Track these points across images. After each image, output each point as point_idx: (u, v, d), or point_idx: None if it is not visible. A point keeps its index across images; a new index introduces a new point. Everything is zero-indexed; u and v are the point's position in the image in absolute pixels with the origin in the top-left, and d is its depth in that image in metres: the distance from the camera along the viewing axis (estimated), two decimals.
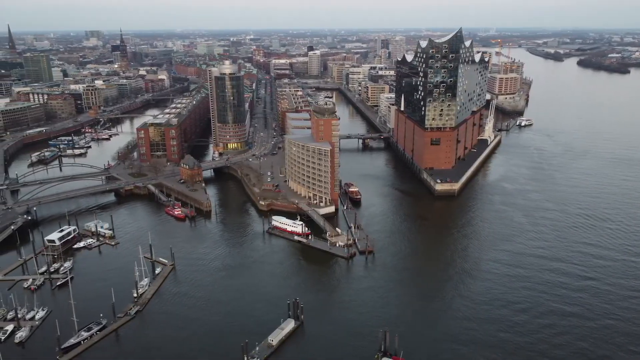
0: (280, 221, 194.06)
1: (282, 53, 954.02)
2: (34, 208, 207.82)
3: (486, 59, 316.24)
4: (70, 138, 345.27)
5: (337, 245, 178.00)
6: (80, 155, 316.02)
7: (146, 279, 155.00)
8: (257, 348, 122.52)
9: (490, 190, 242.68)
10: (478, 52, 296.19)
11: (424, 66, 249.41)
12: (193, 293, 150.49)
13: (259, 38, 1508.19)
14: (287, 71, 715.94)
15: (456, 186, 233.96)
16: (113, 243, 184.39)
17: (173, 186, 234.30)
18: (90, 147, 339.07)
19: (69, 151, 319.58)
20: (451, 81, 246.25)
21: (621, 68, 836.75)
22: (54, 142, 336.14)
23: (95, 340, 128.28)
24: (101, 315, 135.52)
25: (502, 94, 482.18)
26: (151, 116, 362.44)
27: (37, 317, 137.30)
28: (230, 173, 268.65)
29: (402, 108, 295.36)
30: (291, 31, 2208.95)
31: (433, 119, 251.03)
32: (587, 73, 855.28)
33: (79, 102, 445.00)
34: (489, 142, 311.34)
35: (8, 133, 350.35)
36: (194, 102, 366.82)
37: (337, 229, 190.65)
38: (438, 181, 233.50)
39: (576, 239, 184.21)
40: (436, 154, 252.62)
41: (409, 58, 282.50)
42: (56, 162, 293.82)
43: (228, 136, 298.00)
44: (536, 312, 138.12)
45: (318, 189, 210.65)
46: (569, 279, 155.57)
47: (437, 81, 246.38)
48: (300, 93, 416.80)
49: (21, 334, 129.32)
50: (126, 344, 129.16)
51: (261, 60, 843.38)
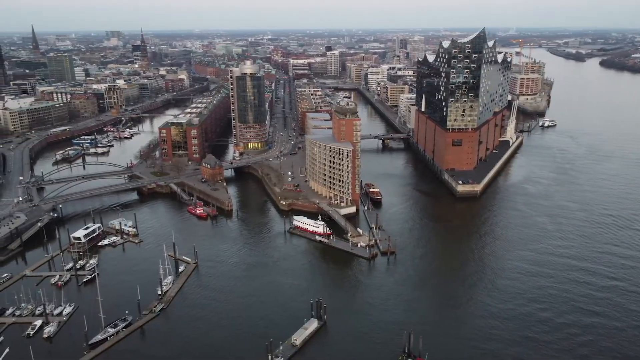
0: (301, 221, 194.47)
1: (301, 53, 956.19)
2: (60, 205, 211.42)
3: (509, 59, 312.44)
4: (93, 137, 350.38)
5: (359, 245, 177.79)
6: (102, 154, 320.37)
7: (170, 277, 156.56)
8: (281, 347, 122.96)
9: (512, 192, 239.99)
10: (500, 53, 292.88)
11: (446, 66, 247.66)
12: (216, 291, 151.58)
13: (277, 38, 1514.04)
14: (306, 71, 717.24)
15: (478, 187, 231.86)
16: (137, 241, 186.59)
17: (195, 185, 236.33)
18: (112, 146, 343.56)
19: (92, 150, 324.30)
20: (474, 82, 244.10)
21: None
22: (77, 141, 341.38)
23: (121, 336, 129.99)
24: (127, 312, 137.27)
25: (523, 95, 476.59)
26: (172, 115, 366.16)
27: (65, 313, 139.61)
28: (250, 173, 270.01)
29: (423, 108, 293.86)
30: (308, 31, 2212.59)
31: (455, 120, 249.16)
32: (610, 73, 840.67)
33: (101, 102, 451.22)
34: (511, 143, 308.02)
35: (33, 132, 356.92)
36: (214, 102, 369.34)
37: (359, 230, 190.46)
38: (460, 182, 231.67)
39: (601, 241, 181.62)
40: (458, 155, 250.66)
41: (431, 58, 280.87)
42: (80, 161, 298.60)
43: (248, 136, 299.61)
44: (560, 312, 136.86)
45: (339, 189, 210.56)
46: (594, 280, 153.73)
47: (460, 81, 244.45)
48: (319, 93, 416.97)
49: (49, 329, 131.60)
50: (151, 341, 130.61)
51: (279, 60, 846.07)
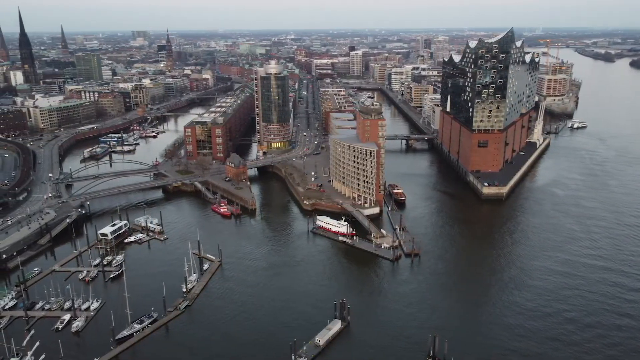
0: (324, 221, 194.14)
1: (324, 53, 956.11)
2: (87, 202, 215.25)
3: (537, 60, 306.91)
4: (119, 135, 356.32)
5: (383, 246, 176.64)
6: (129, 152, 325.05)
7: (194, 275, 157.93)
8: (305, 347, 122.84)
9: (539, 195, 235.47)
10: (528, 53, 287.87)
11: (473, 67, 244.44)
12: (240, 290, 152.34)
13: (300, 38, 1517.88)
14: (329, 71, 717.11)
15: (504, 190, 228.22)
16: (162, 238, 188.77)
17: (219, 184, 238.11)
18: (138, 144, 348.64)
19: (119, 148, 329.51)
20: (501, 82, 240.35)
21: None
22: (104, 139, 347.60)
23: (146, 332, 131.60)
24: (152, 308, 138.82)
25: (551, 96, 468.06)
26: (196, 114, 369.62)
27: (92, 308, 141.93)
28: (274, 172, 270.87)
29: (448, 109, 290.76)
30: (331, 31, 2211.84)
31: (481, 121, 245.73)
32: None
33: (128, 100, 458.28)
34: (538, 145, 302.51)
35: (62, 129, 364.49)
36: (238, 102, 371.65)
37: (382, 231, 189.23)
38: (485, 184, 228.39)
39: (632, 245, 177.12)
40: (483, 157, 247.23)
41: (456, 58, 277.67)
42: (106, 158, 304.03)
43: (272, 135, 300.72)
44: (588, 314, 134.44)
45: (363, 190, 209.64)
46: (625, 282, 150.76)
47: (486, 82, 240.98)
48: (343, 93, 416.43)
49: (77, 324, 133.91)
50: (176, 338, 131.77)
51: (303, 60, 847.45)
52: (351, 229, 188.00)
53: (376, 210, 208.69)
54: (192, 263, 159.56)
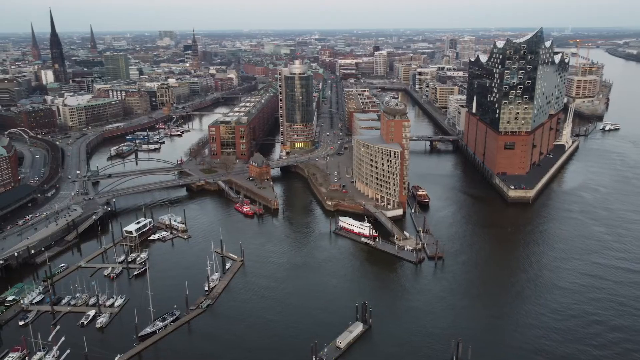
0: (347, 222, 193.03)
1: (348, 53, 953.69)
2: (113, 200, 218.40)
3: (566, 60, 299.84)
4: (145, 133, 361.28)
5: (405, 249, 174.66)
6: (154, 150, 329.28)
7: (217, 273, 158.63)
8: (326, 349, 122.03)
9: (567, 199, 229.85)
10: (557, 53, 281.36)
11: (500, 67, 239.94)
12: (262, 290, 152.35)
13: (324, 38, 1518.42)
14: (353, 71, 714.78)
15: (531, 193, 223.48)
16: (185, 237, 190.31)
17: (242, 183, 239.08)
18: (163, 143, 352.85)
19: (144, 146, 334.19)
20: (529, 83, 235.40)
21: None
22: (131, 137, 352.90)
23: (169, 330, 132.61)
24: (175, 306, 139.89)
25: (580, 97, 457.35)
26: (220, 114, 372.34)
27: (116, 305, 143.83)
28: (296, 172, 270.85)
29: (474, 110, 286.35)
30: (356, 31, 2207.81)
31: (508, 122, 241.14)
32: None
33: (154, 99, 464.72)
34: (567, 148, 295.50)
35: (89, 127, 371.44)
36: (262, 101, 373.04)
37: (405, 233, 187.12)
38: (511, 187, 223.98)
39: None
40: (510, 159, 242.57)
41: (483, 59, 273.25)
42: (132, 156, 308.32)
43: (295, 135, 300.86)
44: (615, 325, 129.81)
45: (386, 191, 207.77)
46: None
47: (514, 83, 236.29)
48: (367, 93, 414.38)
49: (102, 320, 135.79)
50: (198, 336, 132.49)
51: (327, 60, 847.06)
52: (374, 231, 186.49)
53: (399, 212, 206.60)
54: (215, 262, 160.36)
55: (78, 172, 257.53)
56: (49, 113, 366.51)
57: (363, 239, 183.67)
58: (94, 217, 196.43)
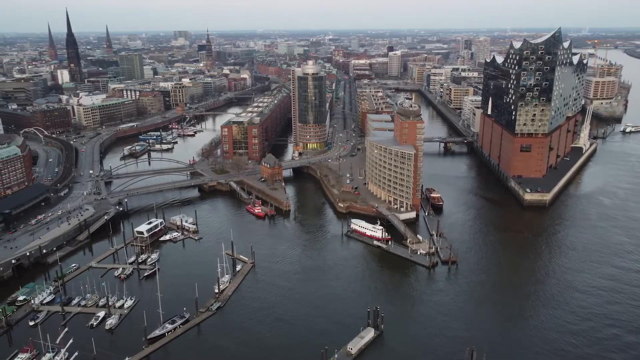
0: (359, 224, 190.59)
1: (362, 53, 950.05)
2: (125, 200, 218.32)
3: (584, 61, 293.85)
4: (158, 133, 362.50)
5: (418, 253, 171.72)
6: (167, 150, 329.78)
7: (227, 276, 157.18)
8: (336, 355, 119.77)
9: (585, 203, 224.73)
10: (575, 54, 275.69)
11: (517, 68, 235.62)
12: (272, 293, 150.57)
13: (338, 38, 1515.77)
14: (367, 72, 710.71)
15: (547, 197, 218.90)
16: (196, 238, 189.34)
17: (254, 184, 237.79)
18: (176, 143, 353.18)
19: (157, 146, 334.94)
20: (546, 84, 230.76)
21: None
22: (144, 137, 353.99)
23: (178, 332, 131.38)
24: (184, 308, 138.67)
25: (598, 99, 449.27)
26: (233, 114, 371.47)
27: (126, 306, 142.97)
28: (309, 173, 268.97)
29: (489, 112, 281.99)
30: (370, 31, 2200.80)
31: (524, 124, 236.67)
32: None
33: (167, 99, 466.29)
34: (584, 150, 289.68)
35: (103, 127, 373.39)
36: (275, 102, 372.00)
37: (418, 236, 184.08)
38: (527, 190, 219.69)
39: None
40: (526, 162, 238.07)
41: (499, 59, 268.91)
42: (145, 156, 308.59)
43: (308, 136, 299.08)
44: (633, 331, 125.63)
45: (399, 194, 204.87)
46: None
47: (531, 84, 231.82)
48: (380, 94, 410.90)
49: (111, 322, 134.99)
50: (207, 339, 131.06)
51: (340, 60, 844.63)
52: (386, 234, 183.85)
53: (412, 214, 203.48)
54: (225, 264, 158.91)
55: (91, 172, 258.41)
56: (64, 112, 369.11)
57: (375, 242, 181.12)
58: (106, 217, 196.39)
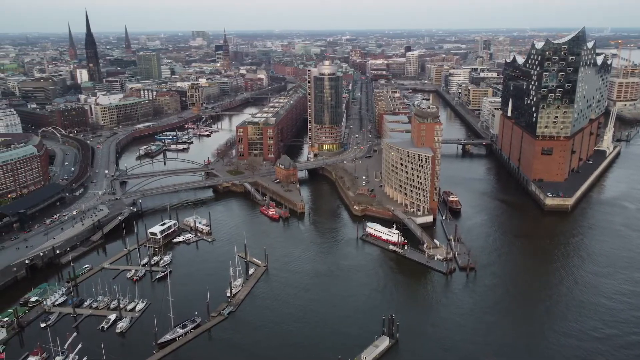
0: (374, 228, 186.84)
1: (379, 54, 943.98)
2: (140, 200, 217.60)
3: (609, 62, 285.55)
4: (174, 133, 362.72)
5: (435, 258, 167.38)
6: (182, 150, 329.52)
7: (240, 279, 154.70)
8: None
9: (608, 208, 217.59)
10: (599, 55, 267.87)
11: (538, 68, 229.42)
12: (285, 298, 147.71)
13: (355, 38, 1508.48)
14: (384, 72, 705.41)
15: (569, 201, 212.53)
16: (210, 239, 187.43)
17: (268, 185, 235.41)
18: (192, 143, 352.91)
19: (173, 146, 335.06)
20: (569, 86, 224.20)
21: None
22: (160, 137, 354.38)
23: (189, 337, 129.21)
24: (196, 312, 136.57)
25: (621, 100, 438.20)
26: (249, 114, 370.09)
27: (137, 309, 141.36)
28: (324, 175, 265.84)
29: (509, 113, 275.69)
30: (387, 31, 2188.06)
31: (546, 127, 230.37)
32: None
33: (184, 99, 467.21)
34: (607, 154, 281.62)
35: (120, 127, 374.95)
36: (291, 102, 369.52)
37: (435, 241, 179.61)
38: (549, 195, 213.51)
39: None
40: (547, 165, 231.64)
41: (520, 60, 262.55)
42: (161, 156, 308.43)
43: (324, 137, 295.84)
44: None
45: (416, 197, 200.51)
46: None
47: (553, 85, 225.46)
48: (397, 95, 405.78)
49: (122, 325, 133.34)
50: (218, 345, 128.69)
51: (357, 60, 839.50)
52: (402, 238, 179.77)
53: (429, 218, 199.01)
54: (238, 267, 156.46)
55: (107, 172, 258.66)
56: (82, 112, 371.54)
57: (391, 247, 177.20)
58: (120, 218, 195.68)
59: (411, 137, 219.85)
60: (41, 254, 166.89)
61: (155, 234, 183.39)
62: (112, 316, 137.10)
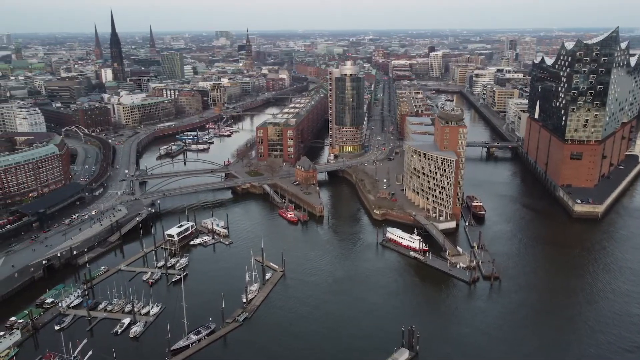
0: (395, 234, 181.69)
1: (402, 54, 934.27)
2: (158, 201, 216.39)
3: None
4: (195, 133, 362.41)
5: (458, 266, 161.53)
6: (203, 150, 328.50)
7: (256, 284, 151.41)
8: None
9: None
10: (633, 55, 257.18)
11: (568, 70, 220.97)
12: (302, 305, 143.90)
13: (378, 38, 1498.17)
14: (407, 72, 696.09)
15: (599, 208, 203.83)
16: (227, 242, 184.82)
17: (287, 188, 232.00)
18: (212, 143, 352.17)
19: (194, 146, 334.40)
20: (601, 88, 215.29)
21: None
22: (181, 137, 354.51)
23: (203, 344, 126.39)
24: (210, 318, 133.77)
25: None
26: (270, 114, 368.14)
27: (152, 313, 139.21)
28: (344, 177, 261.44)
29: (536, 116, 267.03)
30: (411, 31, 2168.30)
31: (575, 130, 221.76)
32: None
33: (206, 99, 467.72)
34: None
35: (142, 126, 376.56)
36: (312, 102, 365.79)
37: (458, 248, 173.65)
38: (578, 201, 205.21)
39: None
40: (576, 170, 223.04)
41: (549, 61, 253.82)
42: (181, 157, 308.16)
43: (344, 139, 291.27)
44: None
45: (438, 202, 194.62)
46: None
47: (584, 87, 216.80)
48: (420, 96, 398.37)
49: (136, 329, 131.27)
50: (232, 352, 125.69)
51: (380, 60, 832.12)
52: (424, 244, 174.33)
53: (452, 224, 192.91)
54: (254, 272, 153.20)
55: (127, 172, 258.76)
56: (104, 111, 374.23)
57: (412, 253, 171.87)
58: (138, 219, 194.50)
59: (434, 140, 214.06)
60: (58, 255, 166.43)
61: (172, 236, 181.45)
62: (126, 320, 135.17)
